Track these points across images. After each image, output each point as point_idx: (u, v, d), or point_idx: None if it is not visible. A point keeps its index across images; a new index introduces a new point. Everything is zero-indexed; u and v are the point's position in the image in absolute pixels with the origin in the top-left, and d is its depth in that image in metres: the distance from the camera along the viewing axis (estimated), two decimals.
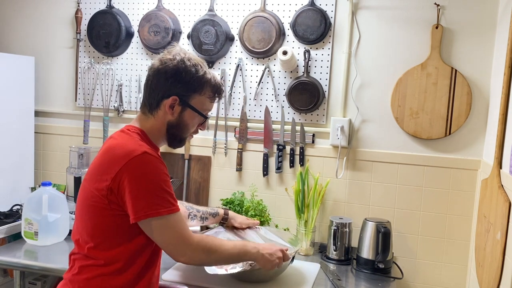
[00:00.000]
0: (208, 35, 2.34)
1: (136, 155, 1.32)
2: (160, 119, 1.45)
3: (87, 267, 1.39)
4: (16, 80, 2.48)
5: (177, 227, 1.36)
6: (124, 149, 1.34)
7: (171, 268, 1.84)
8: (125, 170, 1.31)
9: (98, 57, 2.59)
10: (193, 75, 1.42)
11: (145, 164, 1.33)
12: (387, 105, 2.21)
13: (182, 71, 1.41)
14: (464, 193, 2.15)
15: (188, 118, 1.46)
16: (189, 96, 1.44)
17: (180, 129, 1.47)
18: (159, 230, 1.34)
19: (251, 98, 2.38)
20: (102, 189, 1.34)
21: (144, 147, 1.36)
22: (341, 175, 2.27)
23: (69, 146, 2.49)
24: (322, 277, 1.90)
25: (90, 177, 1.40)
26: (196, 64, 1.44)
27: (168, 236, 1.35)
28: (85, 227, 1.40)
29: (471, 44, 2.10)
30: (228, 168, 2.44)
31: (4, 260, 1.91)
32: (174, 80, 1.41)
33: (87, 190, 1.40)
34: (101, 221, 1.37)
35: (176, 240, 1.36)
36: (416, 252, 2.22)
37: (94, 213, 1.37)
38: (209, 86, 1.46)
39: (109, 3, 2.52)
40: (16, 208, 2.33)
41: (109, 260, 1.37)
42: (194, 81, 1.43)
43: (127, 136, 1.41)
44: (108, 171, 1.33)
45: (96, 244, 1.38)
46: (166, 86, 1.42)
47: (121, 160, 1.32)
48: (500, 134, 1.75)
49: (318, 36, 2.23)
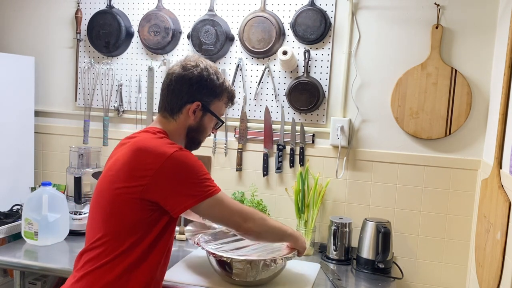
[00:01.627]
0: (208, 35, 2.34)
1: (172, 152, 1.38)
2: (181, 123, 1.52)
3: (103, 265, 1.39)
4: (16, 80, 2.48)
5: (229, 201, 1.49)
6: (159, 149, 1.39)
7: (172, 268, 1.84)
8: (164, 168, 1.36)
9: (98, 57, 2.59)
10: (215, 82, 1.52)
11: (182, 159, 1.40)
12: (387, 105, 2.21)
13: (206, 78, 1.50)
14: (464, 193, 2.15)
15: (207, 122, 1.55)
16: (210, 102, 1.53)
17: (199, 133, 1.57)
18: (215, 208, 1.44)
19: (251, 98, 2.38)
20: (135, 187, 1.37)
21: (176, 145, 1.43)
22: (341, 175, 2.27)
23: (69, 146, 2.49)
24: (322, 277, 1.90)
25: (116, 174, 1.42)
26: (217, 71, 1.54)
27: (225, 210, 1.47)
28: (107, 223, 1.41)
29: (471, 44, 2.10)
30: (228, 168, 2.44)
31: (4, 260, 1.91)
32: (199, 86, 1.49)
33: (111, 188, 1.42)
34: (126, 216, 1.39)
35: (234, 211, 1.48)
36: (416, 252, 2.22)
37: (121, 209, 1.39)
38: (227, 92, 1.57)
39: (109, 3, 2.52)
40: (16, 208, 2.33)
41: (126, 253, 1.39)
42: (217, 88, 1.52)
43: (156, 136, 1.46)
44: (144, 170, 1.37)
45: (115, 237, 1.40)
46: (190, 92, 1.49)
47: (158, 159, 1.37)
48: (500, 134, 1.75)
49: (318, 36, 2.23)
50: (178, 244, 2.19)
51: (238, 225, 1.50)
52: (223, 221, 1.51)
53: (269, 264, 1.68)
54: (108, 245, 1.40)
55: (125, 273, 1.39)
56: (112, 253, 1.39)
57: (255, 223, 1.52)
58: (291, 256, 1.74)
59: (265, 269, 1.69)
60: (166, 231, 1.45)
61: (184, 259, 1.96)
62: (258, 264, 1.67)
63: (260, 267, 1.68)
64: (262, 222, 1.56)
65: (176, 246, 2.16)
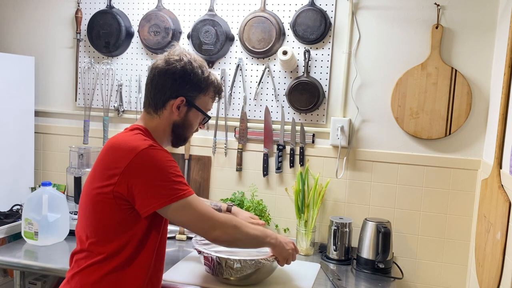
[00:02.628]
0: (208, 35, 2.34)
1: (142, 149, 1.33)
2: (165, 119, 1.47)
3: (90, 265, 1.38)
4: (16, 80, 2.48)
5: (199, 205, 1.39)
6: (129, 145, 1.35)
7: (172, 268, 1.84)
8: (134, 164, 1.32)
9: (98, 57, 2.59)
10: (200, 76, 1.45)
11: (152, 156, 1.34)
12: (387, 105, 2.21)
13: (190, 72, 1.44)
14: (464, 193, 2.15)
15: (192, 118, 1.49)
16: (195, 97, 1.47)
17: (185, 129, 1.50)
18: (183, 212, 1.36)
19: (251, 98, 2.38)
20: (107, 186, 1.34)
21: (149, 142, 1.37)
22: (341, 175, 2.27)
23: (69, 146, 2.49)
24: (322, 277, 1.90)
25: (93, 174, 1.41)
26: (201, 65, 1.47)
27: (193, 215, 1.38)
28: (89, 224, 1.40)
29: (471, 44, 2.10)
30: (228, 168, 2.44)
31: (4, 260, 1.91)
32: (182, 81, 1.44)
33: (90, 188, 1.40)
34: (105, 216, 1.37)
35: (202, 217, 1.39)
36: (416, 252, 2.22)
37: (99, 209, 1.37)
38: (212, 87, 1.50)
39: (109, 3, 2.52)
40: (16, 208, 2.33)
41: (112, 255, 1.37)
42: (201, 82, 1.46)
43: (130, 133, 1.43)
44: (114, 168, 1.34)
45: (99, 239, 1.38)
46: (174, 87, 1.44)
47: (128, 154, 1.33)
48: (500, 134, 1.75)
49: (318, 36, 2.23)
50: (178, 244, 2.19)
51: (205, 231, 1.41)
52: (189, 226, 1.42)
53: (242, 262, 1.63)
54: (93, 246, 1.38)
55: (113, 274, 1.37)
56: (99, 255, 1.37)
57: (226, 231, 1.43)
58: (268, 260, 1.65)
59: (244, 267, 1.64)
60: (152, 231, 1.41)
61: (184, 259, 1.96)
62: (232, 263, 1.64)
63: (234, 265, 1.64)
64: (235, 231, 1.46)
65: (176, 246, 2.16)
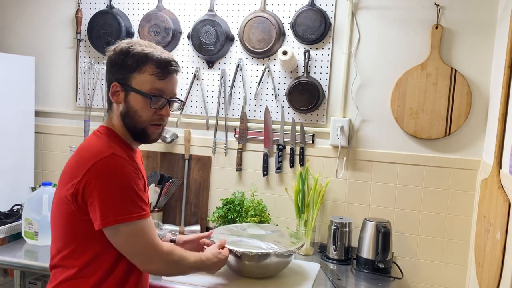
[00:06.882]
0: (208, 35, 2.34)
1: (103, 157, 1.24)
2: (116, 113, 1.36)
3: (65, 280, 1.31)
4: (16, 80, 2.48)
5: (147, 234, 1.27)
6: (91, 151, 1.27)
7: None
8: (91, 173, 1.23)
9: (98, 57, 2.59)
10: (125, 55, 1.31)
11: (112, 166, 1.24)
12: (387, 105, 2.21)
13: (119, 54, 1.32)
14: (464, 193, 2.15)
15: (134, 102, 1.32)
16: (129, 78, 1.31)
17: (131, 118, 1.34)
18: (128, 237, 1.25)
19: (251, 98, 2.39)
20: (70, 194, 1.25)
21: (112, 149, 1.28)
22: (341, 175, 2.27)
23: (69, 146, 2.49)
24: (322, 277, 1.90)
25: (60, 182, 1.33)
26: (133, 44, 1.33)
27: (138, 244, 1.27)
28: (59, 236, 1.32)
29: (471, 44, 2.10)
30: (228, 168, 2.44)
31: (4, 260, 1.91)
32: (111, 67, 1.34)
33: (57, 197, 1.33)
34: (72, 228, 1.29)
35: (146, 249, 1.28)
36: (416, 252, 2.22)
37: (66, 219, 1.29)
38: (150, 62, 1.31)
39: (109, 3, 2.52)
40: (16, 208, 2.33)
41: (86, 269, 1.29)
42: (128, 60, 1.31)
43: (96, 137, 1.34)
44: (75, 175, 1.25)
45: (70, 252, 1.29)
46: (109, 76, 1.35)
47: (87, 162, 1.24)
48: (500, 134, 1.75)
49: (318, 36, 2.23)
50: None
51: (141, 263, 1.30)
52: (127, 253, 1.29)
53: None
54: (65, 261, 1.30)
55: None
56: (70, 270, 1.29)
57: (165, 266, 1.34)
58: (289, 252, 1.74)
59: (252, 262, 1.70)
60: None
61: None
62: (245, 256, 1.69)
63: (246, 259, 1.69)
64: (173, 267, 1.37)
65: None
